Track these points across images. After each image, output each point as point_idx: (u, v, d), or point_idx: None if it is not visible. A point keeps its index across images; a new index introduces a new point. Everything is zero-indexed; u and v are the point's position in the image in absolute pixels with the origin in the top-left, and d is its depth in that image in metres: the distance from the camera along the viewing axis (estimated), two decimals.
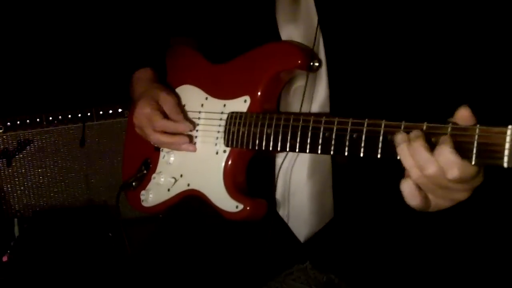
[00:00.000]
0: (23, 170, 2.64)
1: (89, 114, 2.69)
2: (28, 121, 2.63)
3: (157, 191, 1.53)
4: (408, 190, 1.01)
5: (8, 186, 2.63)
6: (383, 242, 1.35)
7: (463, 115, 0.96)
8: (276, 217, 1.39)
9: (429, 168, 0.96)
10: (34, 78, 2.88)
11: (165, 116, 1.48)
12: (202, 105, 1.47)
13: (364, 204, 1.35)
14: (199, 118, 1.47)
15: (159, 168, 1.54)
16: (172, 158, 1.51)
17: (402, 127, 1.03)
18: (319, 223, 1.38)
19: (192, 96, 1.50)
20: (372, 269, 1.34)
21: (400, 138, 1.01)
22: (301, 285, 1.37)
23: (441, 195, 1.01)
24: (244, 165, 1.39)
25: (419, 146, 0.97)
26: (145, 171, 1.58)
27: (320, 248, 1.38)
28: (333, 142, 1.14)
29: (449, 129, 0.97)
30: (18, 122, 2.63)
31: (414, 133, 0.99)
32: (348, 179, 1.36)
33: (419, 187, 1.01)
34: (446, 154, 0.94)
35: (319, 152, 1.17)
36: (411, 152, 0.98)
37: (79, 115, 2.67)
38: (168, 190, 1.50)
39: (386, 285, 1.32)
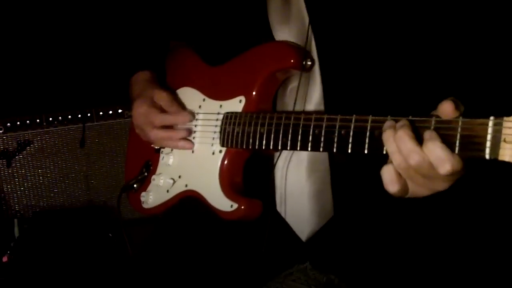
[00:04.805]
0: (23, 171, 2.65)
1: (89, 114, 2.69)
2: (28, 122, 2.64)
3: (156, 193, 1.53)
4: (388, 176, 1.02)
5: (8, 186, 2.64)
6: (383, 242, 1.34)
7: (446, 109, 0.97)
8: (276, 217, 1.39)
9: (413, 158, 0.97)
10: (34, 79, 2.88)
11: (163, 112, 1.49)
12: (200, 106, 1.48)
13: (364, 201, 1.35)
14: (197, 119, 1.47)
15: (159, 169, 1.55)
16: (171, 160, 1.51)
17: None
18: (320, 222, 1.37)
19: (190, 98, 1.51)
20: (372, 269, 1.33)
21: (387, 124, 1.02)
22: (301, 285, 1.37)
23: (422, 183, 1.02)
24: (241, 165, 1.39)
25: (405, 135, 0.98)
26: (146, 173, 1.58)
27: (320, 248, 1.38)
28: (322, 139, 1.14)
29: (432, 122, 0.97)
30: (18, 123, 2.64)
31: (401, 122, 1.00)
32: (346, 177, 1.35)
33: (399, 174, 1.01)
34: (437, 150, 0.94)
35: (309, 149, 1.17)
36: (396, 140, 0.99)
37: (79, 115, 2.68)
38: (167, 191, 1.50)
39: (386, 285, 1.31)
